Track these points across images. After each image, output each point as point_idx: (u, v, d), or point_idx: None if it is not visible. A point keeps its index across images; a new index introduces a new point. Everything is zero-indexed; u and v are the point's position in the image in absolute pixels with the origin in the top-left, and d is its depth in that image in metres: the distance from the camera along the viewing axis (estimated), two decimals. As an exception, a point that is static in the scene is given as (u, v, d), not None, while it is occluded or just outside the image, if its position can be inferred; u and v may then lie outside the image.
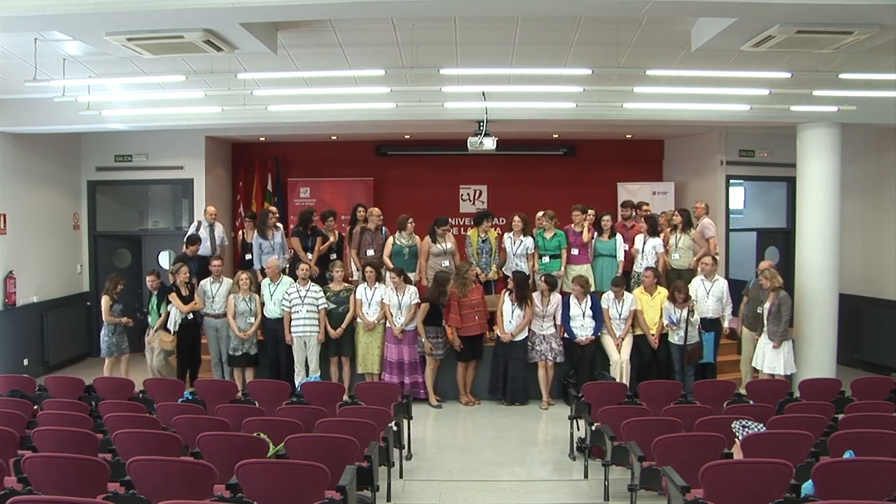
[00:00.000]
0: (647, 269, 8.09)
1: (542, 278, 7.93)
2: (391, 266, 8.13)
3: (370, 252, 8.56)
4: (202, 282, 8.12)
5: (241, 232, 9.15)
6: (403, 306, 7.80)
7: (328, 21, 6.27)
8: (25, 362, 9.13)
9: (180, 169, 10.44)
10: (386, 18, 6.20)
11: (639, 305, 7.85)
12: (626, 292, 7.91)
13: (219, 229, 9.07)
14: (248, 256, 8.73)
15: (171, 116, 8.36)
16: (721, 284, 7.99)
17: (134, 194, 11.22)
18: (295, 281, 7.97)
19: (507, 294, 7.92)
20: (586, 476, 5.78)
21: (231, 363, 7.94)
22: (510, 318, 7.80)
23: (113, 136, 10.02)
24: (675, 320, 7.66)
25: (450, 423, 7.51)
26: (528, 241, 8.39)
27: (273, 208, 9.51)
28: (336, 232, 8.93)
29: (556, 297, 7.95)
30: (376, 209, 8.93)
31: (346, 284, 8.15)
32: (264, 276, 8.17)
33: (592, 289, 8.18)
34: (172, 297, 7.90)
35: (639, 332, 7.88)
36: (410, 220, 8.47)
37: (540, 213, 8.61)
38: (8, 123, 8.60)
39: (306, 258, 8.37)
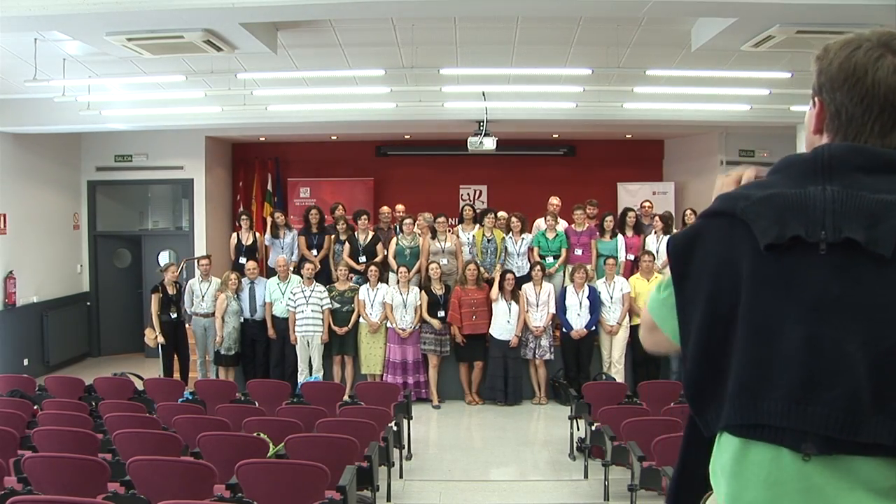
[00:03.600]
0: (646, 252, 7.99)
1: (537, 267, 7.90)
2: (395, 266, 8.14)
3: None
4: (190, 281, 8.12)
5: (236, 234, 9.02)
6: (409, 305, 7.81)
7: (328, 21, 6.26)
8: (25, 362, 9.13)
9: (180, 169, 10.43)
10: (386, 18, 6.20)
11: (633, 292, 7.79)
12: (617, 276, 7.87)
13: None
14: (241, 260, 8.59)
15: (171, 116, 8.37)
16: None
17: (134, 194, 11.20)
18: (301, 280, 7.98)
19: (499, 294, 7.87)
20: (586, 476, 5.76)
21: (225, 363, 7.93)
22: (508, 317, 7.78)
23: (113, 136, 10.01)
24: None
25: (450, 423, 7.51)
26: (528, 238, 8.43)
27: (279, 214, 9.28)
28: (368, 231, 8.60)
29: (548, 286, 7.93)
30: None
31: (350, 284, 8.14)
32: (274, 274, 8.21)
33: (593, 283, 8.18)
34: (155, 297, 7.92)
35: (636, 321, 7.77)
36: (408, 220, 8.42)
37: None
38: (8, 123, 8.59)
39: (311, 257, 8.35)
